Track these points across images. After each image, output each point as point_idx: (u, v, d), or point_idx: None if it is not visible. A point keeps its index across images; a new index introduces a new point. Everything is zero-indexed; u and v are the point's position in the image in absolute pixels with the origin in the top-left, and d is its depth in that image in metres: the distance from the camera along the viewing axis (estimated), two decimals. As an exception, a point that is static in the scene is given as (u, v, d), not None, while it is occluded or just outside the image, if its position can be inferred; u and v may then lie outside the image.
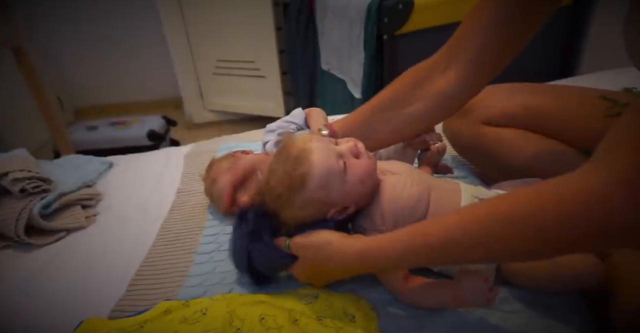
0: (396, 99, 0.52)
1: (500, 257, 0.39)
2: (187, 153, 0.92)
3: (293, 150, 0.45)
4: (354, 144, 0.46)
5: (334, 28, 1.44)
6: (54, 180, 0.72)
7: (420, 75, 0.52)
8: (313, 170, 0.43)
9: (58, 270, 0.58)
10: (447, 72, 0.49)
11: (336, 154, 0.45)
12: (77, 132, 1.95)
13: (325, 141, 0.46)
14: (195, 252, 0.60)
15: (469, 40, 0.48)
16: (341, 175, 0.44)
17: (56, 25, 2.56)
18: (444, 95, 0.50)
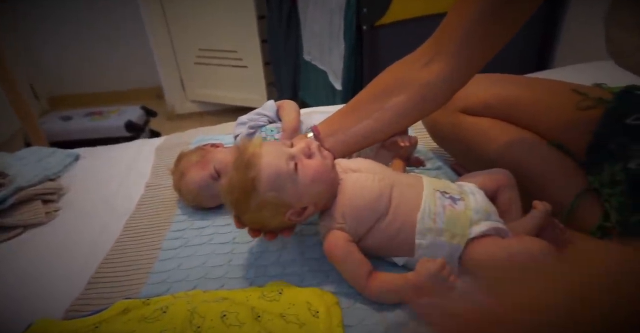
0: (380, 93, 0.51)
1: None
2: (158, 146, 0.89)
3: (245, 155, 0.45)
4: (306, 144, 0.46)
5: (315, 19, 1.41)
6: (13, 173, 0.68)
7: (405, 68, 0.51)
8: (262, 174, 0.44)
9: (12, 268, 0.56)
10: (431, 65, 0.48)
11: (287, 156, 0.45)
12: (51, 123, 1.88)
13: (277, 145, 0.47)
14: (160, 247, 0.58)
15: (453, 33, 0.47)
16: (292, 176, 0.44)
17: (32, 11, 2.44)
18: (428, 88, 0.49)
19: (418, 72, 0.49)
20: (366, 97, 0.53)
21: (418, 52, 0.51)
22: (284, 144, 0.47)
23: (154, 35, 2.15)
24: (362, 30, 1.10)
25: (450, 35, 0.47)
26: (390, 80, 0.51)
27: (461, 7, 0.47)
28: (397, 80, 0.50)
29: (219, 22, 2.02)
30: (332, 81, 1.35)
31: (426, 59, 0.49)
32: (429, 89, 0.49)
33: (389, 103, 0.50)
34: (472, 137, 0.65)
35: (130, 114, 1.96)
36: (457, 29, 0.47)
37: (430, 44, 0.50)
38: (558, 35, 1.18)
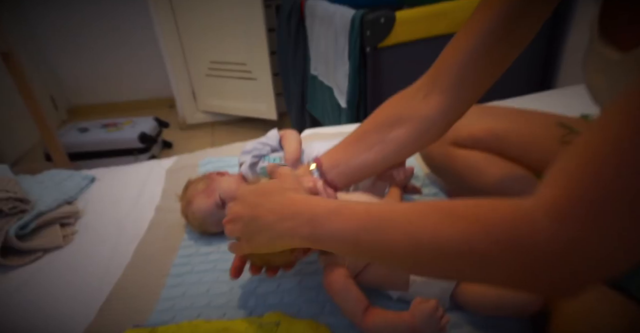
0: (380, 126, 0.53)
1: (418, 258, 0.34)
2: (168, 167, 0.93)
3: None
4: (313, 184, 0.48)
5: (322, 36, 1.44)
6: (33, 198, 0.73)
7: (403, 102, 0.53)
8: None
9: (32, 292, 0.60)
10: (428, 99, 0.50)
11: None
12: (69, 134, 1.95)
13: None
14: (167, 274, 0.61)
15: (448, 68, 0.49)
16: None
17: (51, 25, 2.55)
18: (426, 122, 0.51)
19: (416, 106, 0.51)
20: (367, 129, 0.55)
21: (416, 86, 0.53)
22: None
23: (166, 48, 2.22)
24: (365, 52, 1.13)
25: (446, 71, 0.49)
26: (390, 113, 0.53)
27: (456, 43, 0.49)
28: (396, 114, 0.53)
29: (229, 35, 2.08)
30: (338, 98, 1.38)
31: (424, 92, 0.51)
32: (427, 123, 0.51)
33: (389, 136, 0.52)
34: (463, 170, 0.67)
35: (144, 125, 2.03)
36: (452, 64, 0.48)
37: (427, 77, 0.52)
38: (561, 55, 1.18)
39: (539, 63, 1.22)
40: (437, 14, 1.08)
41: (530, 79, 1.24)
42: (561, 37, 1.17)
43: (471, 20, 0.48)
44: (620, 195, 0.25)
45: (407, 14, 1.08)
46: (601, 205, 0.25)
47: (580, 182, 0.27)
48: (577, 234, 0.26)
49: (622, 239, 0.25)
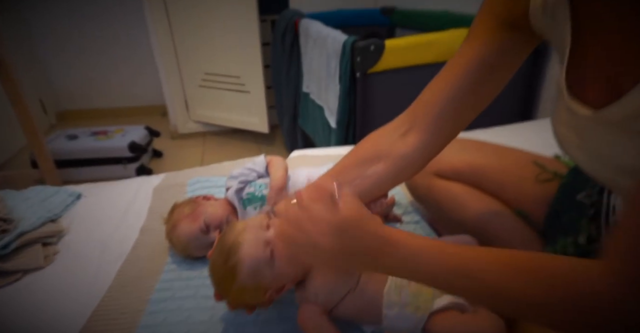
0: (359, 162, 0.55)
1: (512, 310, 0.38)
2: (156, 185, 0.94)
3: (227, 242, 0.50)
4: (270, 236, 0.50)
5: (315, 56, 1.48)
6: (18, 216, 0.73)
7: (382, 139, 0.55)
8: (241, 264, 0.48)
9: (8, 315, 0.59)
10: (407, 136, 0.52)
11: (264, 243, 0.49)
12: (57, 141, 1.94)
13: (255, 231, 0.50)
14: (148, 299, 0.62)
15: (427, 108, 0.51)
16: (269, 262, 0.48)
17: (44, 28, 2.54)
18: (404, 158, 0.52)
19: (395, 143, 0.53)
20: (347, 165, 0.57)
21: (396, 122, 0.55)
22: (261, 226, 0.51)
23: (162, 58, 2.24)
24: (355, 76, 1.16)
25: (424, 110, 0.51)
26: (370, 150, 0.55)
27: (436, 84, 0.51)
28: (376, 150, 0.54)
29: (224, 48, 2.10)
30: (328, 118, 1.40)
31: (402, 130, 0.53)
32: (405, 160, 0.53)
33: (368, 171, 0.54)
34: (443, 200, 0.69)
35: (134, 134, 2.02)
36: (431, 103, 0.51)
37: (406, 115, 0.54)
38: (541, 87, 1.23)
39: (520, 94, 1.27)
40: (424, 44, 1.12)
41: (512, 109, 1.28)
42: (541, 70, 1.22)
43: (451, 62, 0.50)
44: None
45: (396, 43, 1.11)
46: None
47: None
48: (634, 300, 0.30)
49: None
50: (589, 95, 0.39)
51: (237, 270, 0.48)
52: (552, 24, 0.41)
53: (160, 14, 2.12)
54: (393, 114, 1.40)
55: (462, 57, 0.49)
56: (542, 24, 0.42)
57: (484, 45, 0.47)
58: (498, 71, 0.48)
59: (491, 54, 0.47)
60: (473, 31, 0.48)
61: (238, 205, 0.72)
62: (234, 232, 0.51)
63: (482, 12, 0.48)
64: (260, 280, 0.49)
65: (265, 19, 2.21)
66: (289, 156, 1.07)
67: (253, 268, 0.48)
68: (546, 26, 0.42)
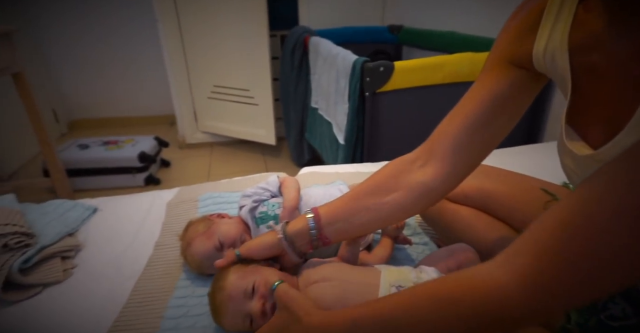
0: (378, 188, 0.56)
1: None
2: (169, 201, 0.96)
3: (214, 302, 0.57)
4: (260, 308, 0.54)
5: (324, 73, 1.51)
6: (37, 230, 0.75)
7: (403, 167, 0.55)
8: (224, 326, 0.57)
9: (30, 329, 0.61)
10: (426, 167, 0.53)
11: (244, 315, 0.54)
12: (68, 151, 1.97)
13: (237, 302, 0.55)
14: (163, 316, 0.63)
15: (443, 140, 0.52)
16: (248, 328, 0.55)
17: (57, 40, 2.61)
18: (423, 188, 0.53)
19: (414, 173, 0.54)
20: (367, 189, 0.57)
21: (414, 154, 0.56)
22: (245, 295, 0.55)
23: (172, 70, 2.29)
24: (364, 95, 1.19)
25: (441, 142, 0.53)
26: (390, 176, 0.56)
27: (452, 117, 0.53)
28: (395, 178, 0.55)
29: (234, 61, 2.15)
30: (336, 134, 1.43)
31: (422, 161, 0.54)
32: (424, 189, 0.54)
33: (385, 198, 0.55)
34: (452, 223, 0.71)
35: (144, 144, 2.06)
36: (447, 136, 0.52)
37: (424, 148, 0.55)
38: (549, 109, 1.26)
39: (527, 117, 1.29)
40: (433, 65, 1.16)
41: (519, 131, 1.31)
42: (548, 92, 1.25)
43: (466, 96, 0.52)
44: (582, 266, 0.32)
45: (405, 65, 1.15)
46: (566, 276, 0.33)
47: (550, 254, 0.33)
48: (545, 301, 0.34)
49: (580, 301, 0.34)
50: (590, 135, 0.41)
51: (224, 327, 0.57)
52: (552, 69, 0.43)
53: (172, 26, 2.18)
54: (401, 132, 1.43)
55: (477, 91, 0.51)
56: (544, 68, 0.44)
57: (495, 81, 0.49)
58: (511, 105, 0.50)
59: (503, 89, 0.49)
60: (486, 66, 0.51)
61: (251, 224, 0.74)
62: (220, 297, 0.56)
63: (494, 49, 0.51)
64: None
65: (275, 34, 2.26)
66: (298, 173, 1.09)
67: (235, 330, 0.56)
68: (548, 71, 0.44)
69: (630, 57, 0.35)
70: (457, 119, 0.52)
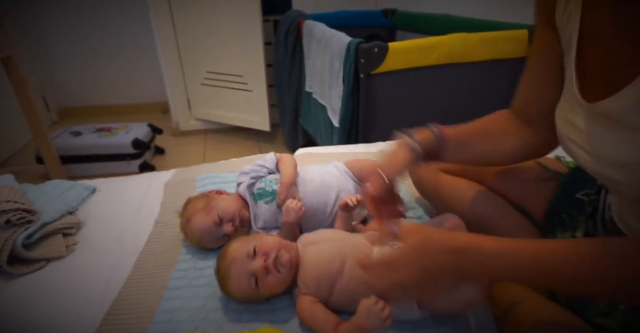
0: (491, 133, 0.61)
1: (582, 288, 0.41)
2: (167, 181, 0.97)
3: (219, 271, 0.59)
4: (262, 264, 0.56)
5: (318, 56, 1.51)
6: (38, 209, 0.76)
7: (511, 123, 0.60)
8: (232, 292, 0.59)
9: (35, 301, 0.63)
10: (529, 126, 0.58)
11: (249, 276, 0.56)
12: (61, 137, 1.96)
13: (240, 264, 0.57)
14: (166, 287, 0.65)
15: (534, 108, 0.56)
16: (254, 290, 0.57)
17: (47, 26, 2.55)
18: (529, 145, 0.58)
19: (522, 129, 0.58)
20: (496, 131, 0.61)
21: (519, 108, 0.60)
22: (247, 256, 0.57)
23: (165, 56, 2.26)
24: (359, 77, 1.20)
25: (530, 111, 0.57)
26: (502, 126, 0.60)
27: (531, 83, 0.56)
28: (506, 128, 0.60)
29: (227, 47, 2.13)
30: (331, 117, 1.44)
31: (525, 119, 0.58)
32: (530, 145, 0.58)
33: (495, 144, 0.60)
34: (449, 194, 0.73)
35: (137, 131, 2.05)
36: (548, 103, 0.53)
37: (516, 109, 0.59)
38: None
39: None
40: (426, 46, 1.17)
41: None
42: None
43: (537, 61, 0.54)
44: None
45: (399, 46, 1.16)
46: None
47: None
48: None
49: None
50: (590, 94, 0.44)
51: (233, 295, 0.58)
52: (565, 28, 0.46)
53: (164, 12, 2.14)
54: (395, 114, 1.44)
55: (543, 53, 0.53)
56: (561, 26, 0.48)
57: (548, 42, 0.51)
58: None
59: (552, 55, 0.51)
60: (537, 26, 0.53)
61: (249, 200, 0.75)
62: (224, 263, 0.58)
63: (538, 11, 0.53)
64: (253, 299, 0.59)
65: (268, 19, 2.24)
66: (294, 154, 1.11)
67: (243, 296, 0.58)
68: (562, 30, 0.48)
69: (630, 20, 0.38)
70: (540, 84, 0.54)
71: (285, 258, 0.57)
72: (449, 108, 1.22)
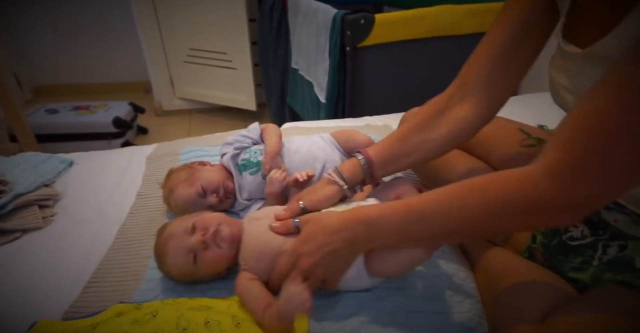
0: (423, 127, 0.59)
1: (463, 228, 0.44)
2: (149, 155, 0.95)
3: (156, 249, 0.58)
4: (200, 238, 0.54)
5: (304, 31, 1.47)
6: (11, 179, 0.73)
7: (441, 105, 0.59)
8: (170, 270, 0.57)
9: (12, 271, 0.61)
10: (463, 102, 0.57)
11: (186, 251, 0.54)
12: (36, 115, 1.88)
13: (178, 239, 0.55)
14: (150, 256, 0.64)
15: (476, 73, 0.55)
16: (193, 267, 0.55)
17: (18, 0, 2.40)
18: (464, 123, 0.57)
19: (454, 109, 0.57)
20: (413, 129, 0.60)
21: (449, 91, 0.59)
22: (185, 231, 0.56)
23: (144, 31, 2.17)
24: (345, 50, 1.18)
25: (473, 76, 0.56)
26: (432, 115, 0.59)
27: (481, 50, 0.55)
28: (437, 116, 0.58)
29: (210, 23, 2.06)
30: (317, 93, 1.42)
31: (458, 97, 0.57)
32: (465, 123, 0.57)
33: (432, 135, 0.58)
34: (437, 163, 0.74)
35: (118, 109, 1.98)
36: (478, 68, 0.55)
37: (458, 82, 0.58)
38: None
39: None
40: (414, 18, 1.15)
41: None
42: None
43: (492, 29, 0.54)
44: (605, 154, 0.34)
45: (386, 17, 1.13)
46: (588, 167, 0.35)
47: (574, 144, 0.36)
48: (569, 189, 0.36)
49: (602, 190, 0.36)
50: (583, 40, 0.44)
51: (171, 273, 0.57)
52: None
53: (142, -16, 2.04)
54: (382, 88, 1.43)
55: (503, 20, 0.53)
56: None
57: (521, 6, 0.51)
58: (537, 30, 0.52)
59: (528, 13, 0.51)
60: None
61: (234, 171, 0.74)
62: (161, 239, 0.57)
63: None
64: (192, 277, 0.56)
65: (252, -7, 2.16)
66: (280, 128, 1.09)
67: (181, 273, 0.56)
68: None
69: None
70: (486, 50, 0.55)
71: (226, 232, 0.55)
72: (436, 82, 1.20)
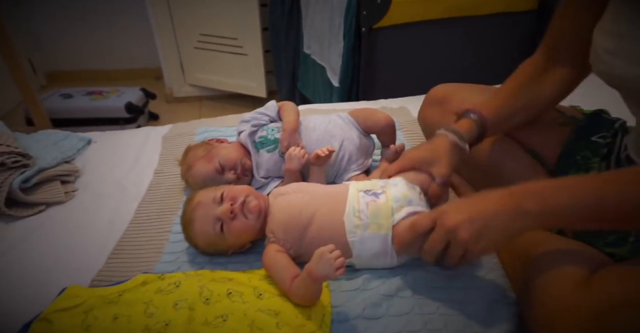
0: (528, 86, 0.61)
1: None
2: (165, 134, 0.95)
3: (185, 216, 0.58)
4: (229, 208, 0.54)
5: (317, 14, 1.45)
6: (33, 155, 0.74)
7: (539, 67, 0.61)
8: (196, 239, 0.57)
9: (38, 242, 0.62)
10: (557, 66, 0.59)
11: (214, 220, 0.55)
12: (51, 99, 1.90)
13: (206, 208, 0.56)
14: (170, 231, 0.65)
15: (567, 39, 0.57)
16: (219, 236, 0.55)
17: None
18: (565, 81, 0.60)
19: (553, 69, 0.59)
20: (522, 87, 0.62)
21: (541, 56, 0.61)
22: (214, 201, 0.56)
23: (155, 17, 2.16)
24: (360, 32, 1.16)
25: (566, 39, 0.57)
26: (533, 75, 0.61)
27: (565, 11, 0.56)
28: (539, 75, 0.60)
29: (221, 8, 2.04)
30: (330, 77, 1.40)
31: (553, 59, 0.59)
32: (565, 83, 0.59)
33: (536, 92, 0.60)
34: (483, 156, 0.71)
35: (130, 95, 1.99)
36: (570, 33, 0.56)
37: (549, 46, 0.60)
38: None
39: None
40: (432, -2, 1.12)
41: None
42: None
43: None
44: None
45: (403, -3, 1.11)
46: None
47: None
48: None
49: None
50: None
51: (195, 243, 0.57)
52: None
53: (153, -31, 2.03)
54: (398, 71, 1.40)
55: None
56: None
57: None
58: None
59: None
60: None
61: (251, 148, 0.74)
62: (190, 207, 0.57)
63: None
64: (216, 247, 0.57)
65: (264, -22, 2.13)
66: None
67: (207, 242, 0.57)
68: None
69: None
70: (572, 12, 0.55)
71: (254, 203, 0.55)
72: (455, 65, 1.19)
